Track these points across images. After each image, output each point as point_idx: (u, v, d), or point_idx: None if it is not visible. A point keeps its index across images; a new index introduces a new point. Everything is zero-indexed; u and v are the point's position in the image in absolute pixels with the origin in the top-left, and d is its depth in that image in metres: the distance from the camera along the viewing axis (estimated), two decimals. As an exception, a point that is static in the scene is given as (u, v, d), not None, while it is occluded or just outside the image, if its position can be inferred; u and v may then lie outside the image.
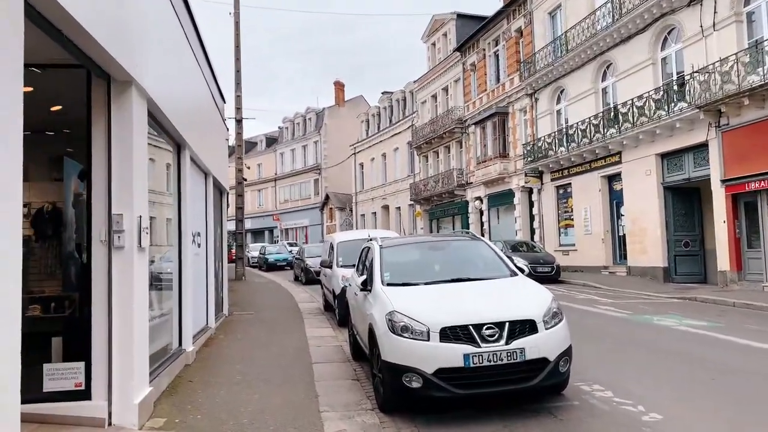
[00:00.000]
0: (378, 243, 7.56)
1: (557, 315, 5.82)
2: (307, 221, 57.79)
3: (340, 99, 58.23)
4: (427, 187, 37.28)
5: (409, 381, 5.40)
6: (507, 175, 29.23)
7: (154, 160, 7.37)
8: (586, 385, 6.46)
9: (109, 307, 5.09)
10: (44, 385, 4.95)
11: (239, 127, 25.48)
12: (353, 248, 12.08)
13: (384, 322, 5.75)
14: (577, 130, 23.40)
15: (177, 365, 7.43)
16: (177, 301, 8.04)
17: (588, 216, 23.67)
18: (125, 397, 5.04)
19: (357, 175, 50.73)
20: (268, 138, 66.20)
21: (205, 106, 10.55)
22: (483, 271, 6.88)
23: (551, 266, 20.91)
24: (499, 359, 5.33)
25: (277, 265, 33.89)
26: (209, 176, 11.02)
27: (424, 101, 39.44)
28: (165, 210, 7.89)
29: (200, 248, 10.03)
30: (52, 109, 6.32)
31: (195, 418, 5.60)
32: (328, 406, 5.95)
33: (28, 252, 6.80)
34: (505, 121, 29.72)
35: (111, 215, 5.15)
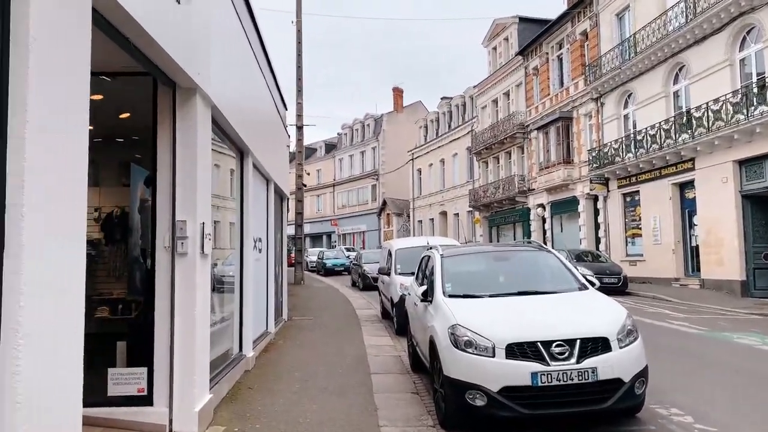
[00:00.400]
0: (439, 252, 7.35)
1: (632, 333, 5.45)
2: (364, 226, 58.03)
3: (398, 105, 58.30)
4: (487, 194, 36.68)
5: (472, 398, 5.16)
6: (571, 181, 28.36)
7: (219, 166, 7.44)
8: (663, 408, 6.03)
9: (171, 312, 5.11)
10: (109, 390, 5.01)
11: (300, 134, 25.80)
12: (412, 255, 11.92)
13: (446, 335, 5.53)
14: (647, 135, 22.43)
15: (237, 371, 7.44)
16: (238, 306, 8.08)
17: (657, 225, 22.61)
18: (186, 404, 5.04)
19: (415, 181, 50.57)
20: (327, 144, 67.03)
21: (268, 113, 10.64)
22: (551, 283, 6.56)
23: (618, 277, 20.06)
24: (570, 379, 5.02)
25: (335, 270, 34.12)
26: (271, 182, 11.10)
27: (484, 106, 38.90)
28: (228, 214, 7.95)
29: (261, 253, 10.09)
30: (120, 117, 6.46)
31: (254, 427, 5.54)
32: (388, 420, 5.78)
33: (98, 255, 6.99)
34: (569, 126, 28.88)
35: (175, 222, 5.18)
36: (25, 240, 2.62)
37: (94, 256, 6.94)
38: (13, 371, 2.55)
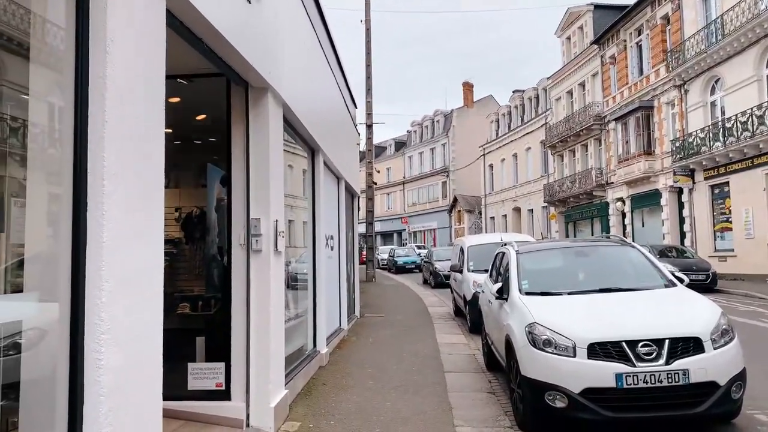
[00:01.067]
0: (514, 248, 7.12)
1: (728, 332, 5.06)
2: (435, 224, 57.73)
3: (468, 100, 57.58)
4: (563, 188, 35.55)
5: (552, 399, 4.94)
6: (652, 173, 27.00)
7: (292, 167, 7.54)
8: (763, 414, 5.57)
9: (247, 308, 5.19)
10: (189, 384, 5.16)
11: (369, 132, 25.95)
12: (484, 253, 11.68)
13: (523, 334, 5.33)
14: (737, 122, 21.00)
15: (312, 367, 7.52)
16: (311, 303, 8.17)
17: (750, 218, 21.14)
18: (262, 399, 5.10)
19: (486, 177, 49.79)
20: (397, 142, 67.16)
21: (338, 112, 10.71)
22: (635, 280, 6.20)
23: (706, 274, 18.87)
24: (658, 381, 4.71)
25: (406, 267, 34.11)
26: (341, 180, 11.17)
27: (558, 98, 37.73)
28: (301, 214, 8.05)
29: (333, 251, 10.17)
30: (197, 118, 6.65)
31: (328, 423, 5.56)
32: (463, 420, 5.64)
33: (179, 253, 7.24)
34: (650, 116, 27.51)
35: (249, 220, 5.26)
36: (106, 238, 2.69)
37: (176, 255, 7.20)
38: (97, 365, 2.63)
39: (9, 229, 2.92)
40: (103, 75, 2.72)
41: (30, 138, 2.95)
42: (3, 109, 2.85)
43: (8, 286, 2.97)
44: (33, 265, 2.93)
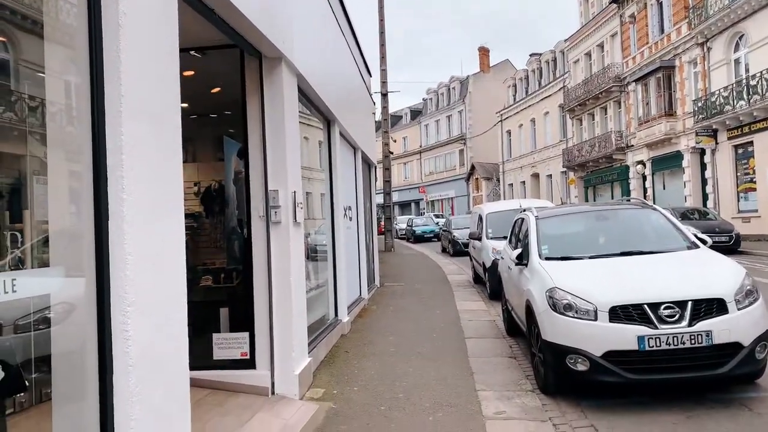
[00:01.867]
0: (533, 213, 7.07)
1: (752, 293, 5.01)
2: (452, 192, 57.51)
3: (484, 65, 56.69)
4: (582, 152, 35.07)
5: (573, 363, 4.96)
6: (674, 135, 26.49)
7: (308, 138, 7.52)
8: (788, 374, 5.53)
9: (268, 279, 5.25)
10: (214, 354, 5.26)
11: (385, 101, 25.72)
12: (503, 219, 11.63)
13: (544, 299, 5.33)
14: (762, 79, 20.42)
15: (334, 335, 7.62)
16: (332, 273, 8.24)
17: (775, 178, 20.72)
18: (286, 368, 5.20)
19: (504, 143, 49.27)
20: (413, 111, 66.57)
21: (352, 81, 10.62)
22: (657, 243, 6.14)
23: (729, 235, 18.60)
24: (681, 342, 4.69)
25: (424, 236, 34.14)
26: (358, 151, 11.14)
27: (576, 60, 36.97)
28: (319, 186, 8.06)
29: (351, 221, 10.21)
30: (212, 92, 6.64)
31: (352, 390, 5.65)
32: (485, 384, 5.70)
33: (199, 227, 7.32)
34: (671, 76, 26.87)
35: (267, 191, 5.28)
36: (127, 212, 2.72)
37: (197, 229, 7.28)
38: (124, 336, 2.69)
39: (33, 206, 2.96)
40: (117, 49, 2.72)
41: (48, 116, 2.97)
42: (20, 88, 2.87)
43: (35, 261, 3.03)
44: (58, 240, 2.98)
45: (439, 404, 5.13)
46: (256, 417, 4.63)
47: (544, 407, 5.06)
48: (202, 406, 4.75)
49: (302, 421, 4.69)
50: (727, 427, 4.42)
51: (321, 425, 4.72)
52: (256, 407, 4.83)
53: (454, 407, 5.05)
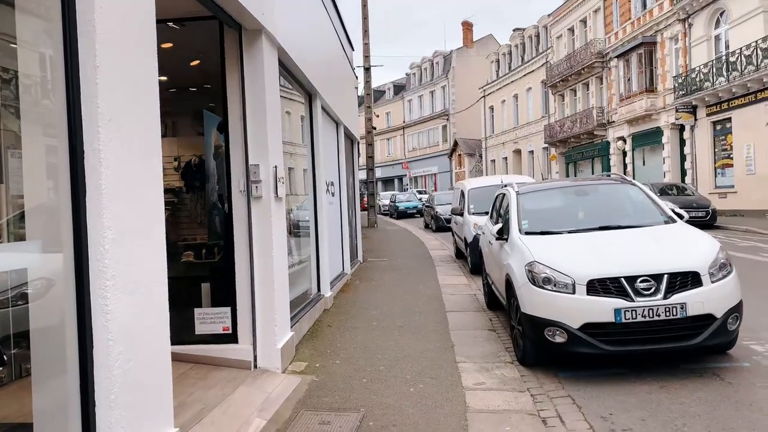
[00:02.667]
0: (514, 189, 7.12)
1: (726, 266, 5.12)
2: (435, 168, 57.54)
3: (468, 40, 56.29)
4: (564, 128, 35.22)
5: (551, 335, 5.06)
6: (654, 111, 26.70)
7: (290, 113, 7.45)
8: (758, 344, 5.70)
9: (250, 254, 5.25)
10: (196, 328, 5.27)
11: (367, 76, 25.50)
12: (485, 195, 11.68)
13: (523, 273, 5.40)
14: (741, 56, 20.60)
15: (317, 310, 7.66)
16: (314, 248, 8.25)
17: (751, 154, 21.05)
18: (268, 342, 5.23)
19: (486, 119, 49.26)
20: (396, 85, 66.10)
21: (335, 54, 10.50)
22: (635, 217, 6.23)
23: (706, 210, 18.91)
24: (656, 315, 4.80)
25: (407, 212, 34.24)
26: (340, 126, 11.07)
27: (559, 35, 36.89)
28: (301, 161, 8.01)
29: (334, 197, 10.19)
30: (191, 65, 6.53)
31: (334, 363, 5.71)
32: (465, 356, 5.79)
33: (180, 202, 7.25)
34: (653, 52, 26.96)
35: (248, 166, 5.24)
36: (105, 185, 2.69)
37: (177, 204, 7.21)
38: (104, 311, 2.68)
39: (7, 180, 2.92)
40: (92, 19, 2.66)
41: (22, 89, 2.91)
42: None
43: (11, 237, 3.00)
44: (34, 215, 2.95)
45: (420, 376, 5.21)
46: (238, 390, 4.67)
47: (523, 378, 5.16)
48: (184, 380, 4.78)
49: (285, 393, 4.74)
50: (699, 396, 4.55)
51: (303, 398, 4.77)
52: (238, 381, 4.86)
53: (434, 379, 5.13)
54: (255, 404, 4.45)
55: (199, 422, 4.00)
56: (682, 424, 4.07)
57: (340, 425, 4.19)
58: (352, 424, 4.18)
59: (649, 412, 4.31)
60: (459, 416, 4.30)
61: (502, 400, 4.62)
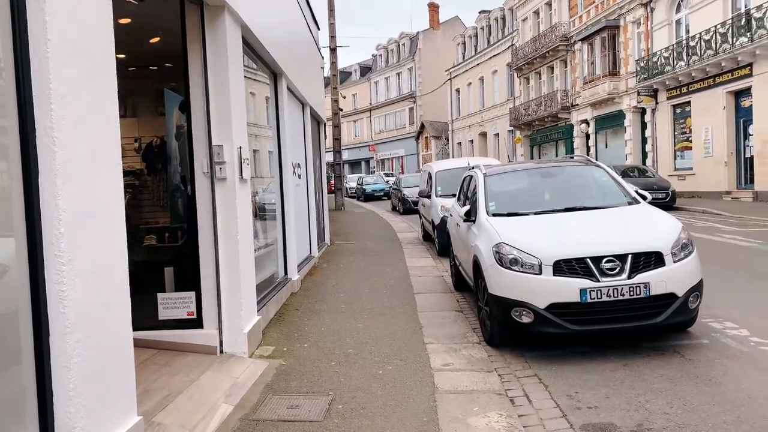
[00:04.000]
0: (482, 171, 7.13)
1: (687, 246, 5.23)
2: (402, 151, 57.52)
3: (434, 21, 56.11)
4: (528, 111, 35.54)
5: (518, 315, 5.10)
6: (617, 94, 27.13)
7: (254, 94, 7.28)
8: (717, 321, 5.87)
9: (214, 237, 5.13)
10: (159, 314, 5.15)
11: (334, 56, 25.20)
12: (452, 177, 11.71)
13: (491, 254, 5.42)
14: (700, 41, 21.03)
15: (284, 294, 7.58)
16: (281, 231, 8.14)
17: (709, 137, 21.61)
18: (234, 326, 5.14)
19: (453, 102, 49.35)
20: (362, 67, 65.59)
21: (300, 33, 10.30)
22: (599, 198, 6.31)
23: (666, 192, 19.38)
24: (620, 294, 4.89)
25: (375, 195, 34.22)
26: (306, 106, 10.90)
27: (525, 18, 37.04)
28: (266, 143, 7.86)
29: (300, 179, 10.06)
30: (150, 42, 6.30)
31: (302, 347, 5.66)
32: (433, 338, 5.81)
33: (141, 185, 7.05)
34: (616, 36, 27.32)
35: (212, 147, 5.11)
36: (59, 166, 2.57)
37: (138, 186, 7.01)
38: (60, 297, 2.57)
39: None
40: (42, -10, 2.51)
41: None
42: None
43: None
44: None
45: (389, 358, 5.21)
46: (204, 376, 4.59)
47: (490, 358, 5.21)
48: (148, 366, 4.67)
49: (252, 378, 4.68)
50: (661, 373, 4.66)
51: (271, 382, 4.72)
52: (204, 366, 4.78)
53: (403, 360, 5.14)
54: (221, 390, 4.38)
55: (163, 409, 3.91)
56: (645, 400, 4.16)
57: (309, 409, 4.15)
58: (321, 408, 4.15)
59: (613, 389, 4.40)
60: (428, 397, 4.31)
61: (470, 381, 4.65)
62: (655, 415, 3.92)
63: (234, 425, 3.92)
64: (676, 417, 3.87)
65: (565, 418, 3.98)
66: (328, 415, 4.03)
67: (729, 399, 4.10)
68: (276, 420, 4.00)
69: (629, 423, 3.83)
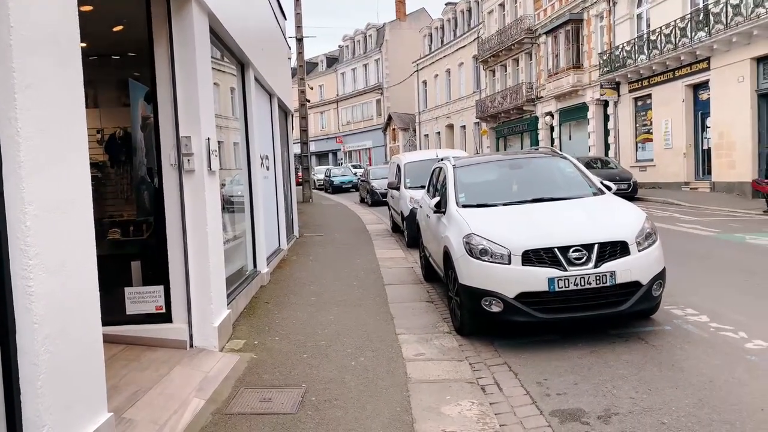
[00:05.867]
0: (451, 162, 7.18)
1: (651, 235, 5.38)
2: (370, 143, 57.43)
3: (401, 13, 56.02)
4: (494, 104, 35.85)
5: (488, 305, 5.17)
6: (580, 87, 27.58)
7: (219, 84, 7.16)
8: (678, 309, 6.06)
9: (183, 230, 5.06)
10: (127, 308, 5.05)
11: (300, 47, 24.95)
12: (421, 169, 11.77)
13: (461, 245, 5.48)
14: (660, 35, 21.50)
15: (253, 287, 7.52)
16: (250, 224, 8.06)
17: (669, 129, 22.17)
18: (204, 320, 5.08)
19: (420, 94, 49.45)
20: (329, 58, 65.12)
21: (267, 23, 10.17)
22: (566, 189, 6.42)
23: (627, 183, 19.82)
24: (587, 283, 5.00)
25: (343, 187, 34.11)
26: (274, 97, 10.79)
27: (490, 11, 37.27)
28: (233, 135, 7.75)
29: (269, 171, 9.96)
30: (114, 30, 6.13)
31: (273, 340, 5.63)
32: (405, 328, 5.85)
33: (104, 177, 6.87)
34: (579, 29, 27.72)
35: (179, 138, 5.02)
36: (24, 157, 2.49)
37: (101, 179, 6.83)
38: (27, 292, 2.50)
39: None
40: (2, -26, 2.42)
41: None
42: None
43: None
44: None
45: (361, 349, 5.23)
46: (174, 370, 4.53)
47: (461, 348, 5.27)
48: (116, 362, 4.58)
49: (223, 372, 4.64)
50: (626, 359, 4.79)
51: (242, 376, 4.69)
52: (174, 361, 4.71)
53: (375, 351, 5.16)
54: (192, 384, 4.33)
55: (134, 405, 3.85)
56: (612, 386, 4.27)
57: (282, 401, 4.14)
58: (294, 400, 4.15)
59: (581, 376, 4.51)
60: (400, 387, 4.35)
61: (441, 370, 4.70)
62: (622, 400, 4.04)
63: (206, 420, 3.88)
64: (642, 401, 3.99)
65: (535, 405, 4.07)
66: (301, 408, 4.03)
67: (691, 383, 4.24)
68: (249, 413, 3.98)
69: (597, 408, 3.93)
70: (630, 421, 3.71)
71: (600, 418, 3.79)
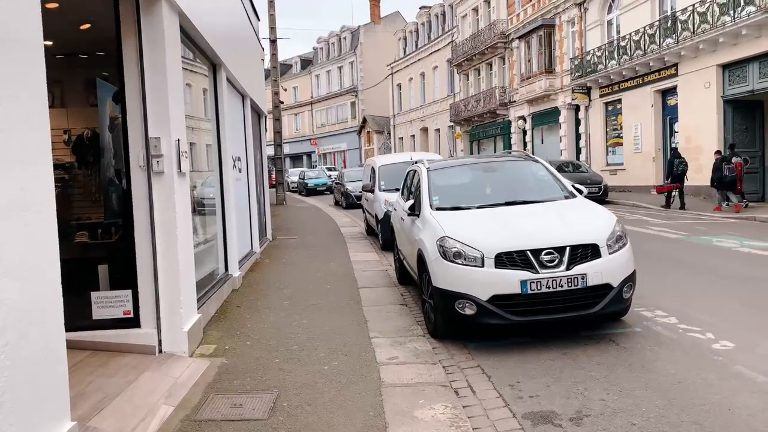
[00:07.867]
0: (425, 165, 7.19)
1: (621, 238, 5.45)
2: (344, 145, 57.32)
3: (375, 15, 56.10)
4: (468, 107, 36.10)
5: (462, 308, 5.18)
6: (552, 92, 27.94)
7: (191, 85, 7.05)
8: (648, 311, 6.15)
9: (152, 233, 4.95)
10: (94, 313, 4.92)
11: (274, 48, 24.79)
12: (395, 172, 11.77)
13: (435, 248, 5.47)
14: (630, 41, 21.91)
15: (224, 291, 7.41)
16: (221, 226, 7.94)
17: (638, 133, 22.58)
18: (174, 325, 4.98)
19: (395, 97, 49.54)
20: (303, 60, 64.84)
21: (239, 23, 10.06)
22: (538, 192, 6.48)
23: (598, 186, 20.14)
24: (559, 285, 5.04)
25: (317, 189, 33.97)
26: (246, 98, 10.67)
27: (464, 15, 37.54)
28: (204, 136, 7.64)
29: (241, 173, 9.85)
30: (81, 28, 5.99)
31: (244, 344, 5.55)
32: (378, 332, 5.82)
33: (71, 179, 6.72)
34: (552, 34, 28.10)
35: (148, 139, 4.92)
36: (-18, 157, 2.40)
37: (68, 180, 6.68)
38: (-15, 297, 2.41)
39: None
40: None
41: None
42: None
43: None
44: None
45: (334, 353, 5.18)
46: (143, 376, 4.42)
47: (434, 351, 5.26)
48: (82, 368, 4.46)
49: (193, 378, 4.55)
50: (598, 360, 4.84)
51: (213, 381, 4.60)
52: (142, 367, 4.61)
53: (349, 355, 5.12)
54: (161, 390, 4.23)
55: (99, 413, 3.75)
56: (584, 388, 4.30)
57: (253, 407, 4.08)
58: (266, 406, 4.08)
59: (553, 378, 4.53)
60: (374, 391, 4.31)
61: (415, 374, 4.68)
62: (593, 401, 4.07)
63: (175, 426, 3.80)
64: (613, 403, 4.03)
65: (508, 408, 4.07)
66: (273, 413, 3.97)
67: (661, 384, 4.30)
68: (219, 420, 3.90)
69: (569, 410, 3.95)
70: (601, 423, 3.74)
71: (572, 420, 3.81)
